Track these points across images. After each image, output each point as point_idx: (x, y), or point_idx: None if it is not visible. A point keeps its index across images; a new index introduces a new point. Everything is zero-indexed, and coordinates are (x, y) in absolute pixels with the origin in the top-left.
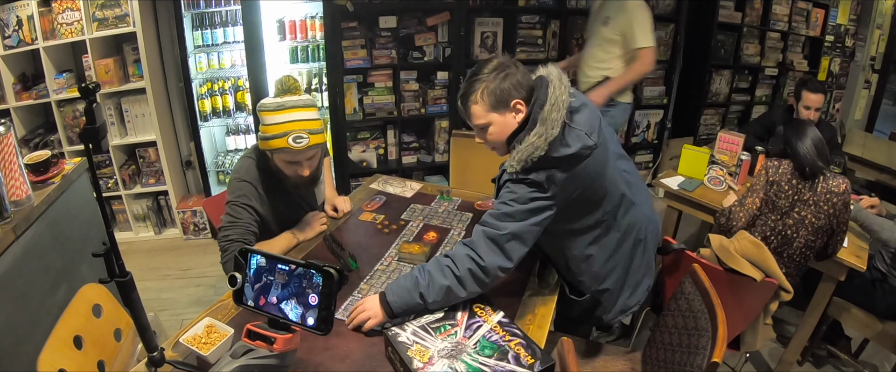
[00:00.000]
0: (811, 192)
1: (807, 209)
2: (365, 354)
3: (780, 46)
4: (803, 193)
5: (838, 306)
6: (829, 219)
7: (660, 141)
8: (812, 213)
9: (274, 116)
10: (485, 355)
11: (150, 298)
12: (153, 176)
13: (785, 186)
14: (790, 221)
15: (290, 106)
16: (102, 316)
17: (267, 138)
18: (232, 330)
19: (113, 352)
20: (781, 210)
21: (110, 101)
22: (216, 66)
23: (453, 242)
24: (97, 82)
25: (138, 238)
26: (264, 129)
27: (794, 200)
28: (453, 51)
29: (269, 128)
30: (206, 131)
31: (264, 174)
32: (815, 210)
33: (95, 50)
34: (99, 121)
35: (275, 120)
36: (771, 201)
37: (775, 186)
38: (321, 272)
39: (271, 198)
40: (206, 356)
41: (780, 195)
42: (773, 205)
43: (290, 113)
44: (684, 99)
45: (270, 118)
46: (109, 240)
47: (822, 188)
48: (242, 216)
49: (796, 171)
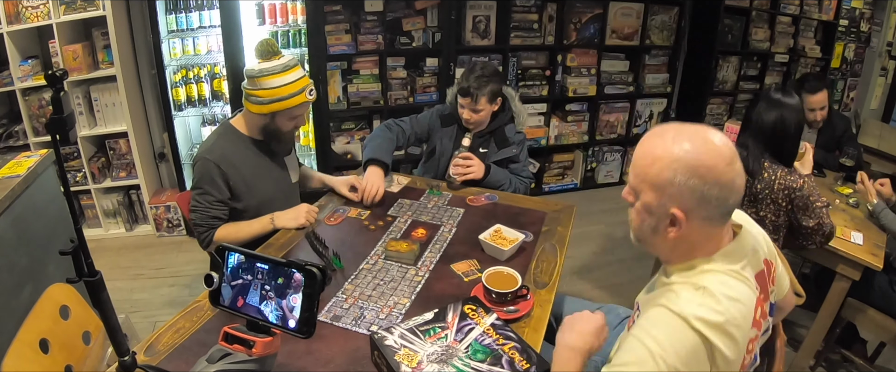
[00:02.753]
0: (761, 184)
1: (765, 208)
2: (349, 358)
3: (792, 31)
4: (753, 187)
5: (853, 308)
6: (787, 215)
7: None
8: (772, 211)
9: (283, 77)
10: (477, 360)
11: (121, 298)
12: (124, 169)
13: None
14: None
15: (293, 64)
16: (70, 318)
17: (281, 99)
18: None
19: (81, 356)
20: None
21: (78, 90)
22: (191, 52)
23: (444, 239)
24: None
25: (108, 235)
26: (274, 92)
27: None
28: (443, 36)
29: (282, 89)
30: (181, 121)
31: (235, 145)
32: (774, 208)
33: (63, 35)
34: (66, 110)
35: (285, 80)
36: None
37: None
38: (303, 272)
39: (241, 168)
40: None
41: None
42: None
43: (296, 71)
44: (689, 87)
45: (279, 80)
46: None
47: (778, 185)
48: (202, 201)
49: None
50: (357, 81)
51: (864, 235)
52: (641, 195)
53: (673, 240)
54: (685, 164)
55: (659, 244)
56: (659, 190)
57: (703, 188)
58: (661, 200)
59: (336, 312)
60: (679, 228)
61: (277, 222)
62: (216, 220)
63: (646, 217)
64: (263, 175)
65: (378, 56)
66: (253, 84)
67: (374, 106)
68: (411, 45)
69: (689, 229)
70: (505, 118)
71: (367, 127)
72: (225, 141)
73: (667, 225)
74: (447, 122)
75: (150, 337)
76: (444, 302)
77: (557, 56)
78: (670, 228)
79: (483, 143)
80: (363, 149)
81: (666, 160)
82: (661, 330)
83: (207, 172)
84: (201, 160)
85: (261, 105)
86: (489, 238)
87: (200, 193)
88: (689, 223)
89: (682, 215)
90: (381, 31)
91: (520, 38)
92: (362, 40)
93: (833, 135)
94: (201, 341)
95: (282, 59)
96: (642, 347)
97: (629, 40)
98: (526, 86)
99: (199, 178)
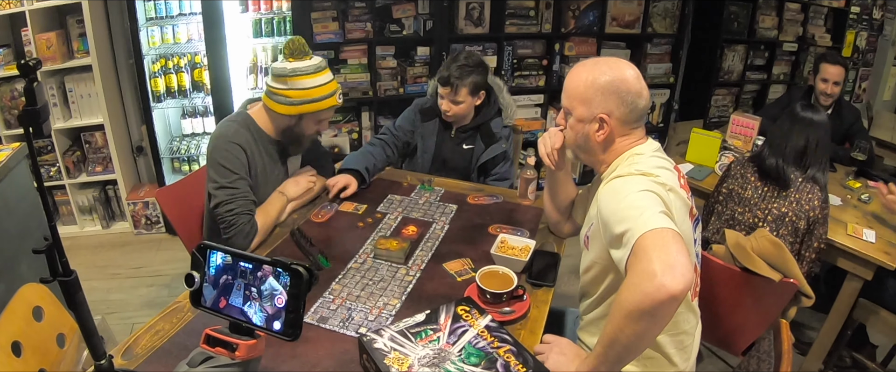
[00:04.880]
0: (781, 200)
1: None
2: (336, 361)
3: (801, 18)
4: (771, 201)
5: (865, 309)
6: (807, 220)
7: (666, 124)
8: (792, 210)
9: (315, 79)
10: (471, 364)
11: (97, 299)
12: (100, 163)
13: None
14: (759, 214)
15: (324, 67)
16: (44, 319)
17: (313, 100)
18: None
19: (56, 359)
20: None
21: (53, 80)
22: (171, 40)
23: (435, 236)
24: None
25: (84, 232)
26: (305, 93)
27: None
28: (435, 24)
29: (313, 90)
30: (160, 113)
31: (254, 139)
32: (796, 207)
33: (36, 22)
34: (40, 102)
35: (317, 82)
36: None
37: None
38: (289, 271)
39: (256, 163)
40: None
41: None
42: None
43: (327, 73)
44: (693, 78)
45: (311, 81)
46: (51, 234)
47: (794, 198)
48: (241, 186)
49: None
50: (344, 71)
51: (877, 232)
52: (574, 111)
53: (603, 141)
54: (605, 82)
55: (592, 148)
56: (586, 102)
57: (619, 94)
58: (590, 109)
59: (323, 313)
60: (605, 129)
61: (290, 194)
62: (254, 205)
63: (579, 128)
64: (268, 180)
65: (367, 45)
66: (283, 83)
67: (362, 97)
68: (402, 34)
69: (613, 128)
70: (491, 112)
71: (355, 119)
72: (246, 132)
73: (595, 129)
74: (428, 115)
75: (127, 340)
76: (436, 303)
77: (555, 45)
78: (599, 131)
79: (467, 140)
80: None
81: (589, 81)
82: (627, 185)
83: (236, 157)
84: (227, 143)
85: (290, 106)
86: (500, 251)
87: (236, 178)
88: (612, 122)
89: (607, 116)
90: (369, 18)
91: (515, 26)
92: (350, 28)
93: (841, 126)
94: (182, 344)
95: (314, 60)
96: (631, 196)
97: (630, 28)
98: (522, 76)
99: (230, 163)
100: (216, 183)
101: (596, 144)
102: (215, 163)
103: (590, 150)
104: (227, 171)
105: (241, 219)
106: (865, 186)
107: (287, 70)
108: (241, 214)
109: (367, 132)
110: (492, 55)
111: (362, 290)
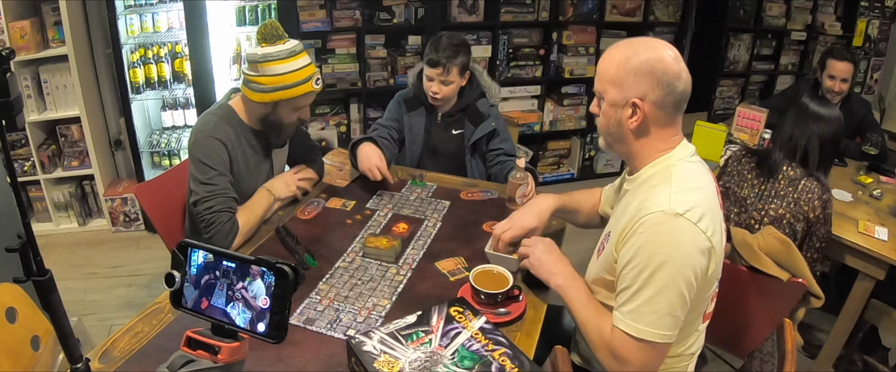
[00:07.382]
0: (778, 200)
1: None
2: (323, 364)
3: (809, 6)
4: (768, 201)
5: (877, 310)
6: (807, 221)
7: None
8: (790, 211)
9: (289, 64)
10: (464, 367)
11: (73, 299)
12: (77, 158)
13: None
14: (756, 215)
15: (299, 50)
16: (17, 321)
17: (285, 87)
18: None
19: (30, 362)
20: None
21: (26, 71)
22: (150, 29)
23: (428, 234)
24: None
25: (59, 230)
26: (278, 79)
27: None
28: (427, 12)
29: (286, 76)
30: (139, 105)
31: (236, 132)
32: (794, 208)
33: (9, 10)
34: (13, 93)
35: (291, 67)
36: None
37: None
38: (274, 270)
39: (238, 158)
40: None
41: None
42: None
43: (303, 57)
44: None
45: (284, 67)
46: (25, 232)
47: (797, 188)
48: (220, 183)
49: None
50: (332, 61)
51: (890, 230)
52: (606, 95)
53: (636, 128)
54: (639, 62)
55: (625, 136)
56: (618, 85)
57: (654, 74)
58: (623, 93)
59: (309, 314)
60: (638, 115)
61: (276, 193)
62: (235, 202)
63: (611, 113)
64: (252, 174)
65: (355, 33)
66: (254, 69)
67: (351, 88)
68: (392, 22)
69: (647, 114)
70: (474, 94)
71: (343, 112)
72: (227, 125)
73: (629, 115)
74: (412, 105)
75: (105, 342)
76: (427, 303)
77: (552, 34)
78: (632, 118)
79: (455, 124)
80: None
81: (622, 61)
82: (666, 243)
83: (216, 153)
84: (207, 139)
85: (263, 93)
86: (495, 249)
87: (216, 174)
88: (646, 106)
89: (640, 101)
90: (358, 5)
91: (511, 14)
92: (338, 16)
93: (851, 120)
94: (161, 347)
95: (288, 44)
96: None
97: (631, 16)
98: (517, 66)
99: (210, 159)
100: (196, 179)
101: (629, 133)
102: (195, 158)
103: (622, 140)
104: (206, 167)
105: (221, 217)
106: (877, 182)
107: (258, 55)
108: (220, 211)
109: (355, 125)
110: (486, 44)
111: (351, 290)
